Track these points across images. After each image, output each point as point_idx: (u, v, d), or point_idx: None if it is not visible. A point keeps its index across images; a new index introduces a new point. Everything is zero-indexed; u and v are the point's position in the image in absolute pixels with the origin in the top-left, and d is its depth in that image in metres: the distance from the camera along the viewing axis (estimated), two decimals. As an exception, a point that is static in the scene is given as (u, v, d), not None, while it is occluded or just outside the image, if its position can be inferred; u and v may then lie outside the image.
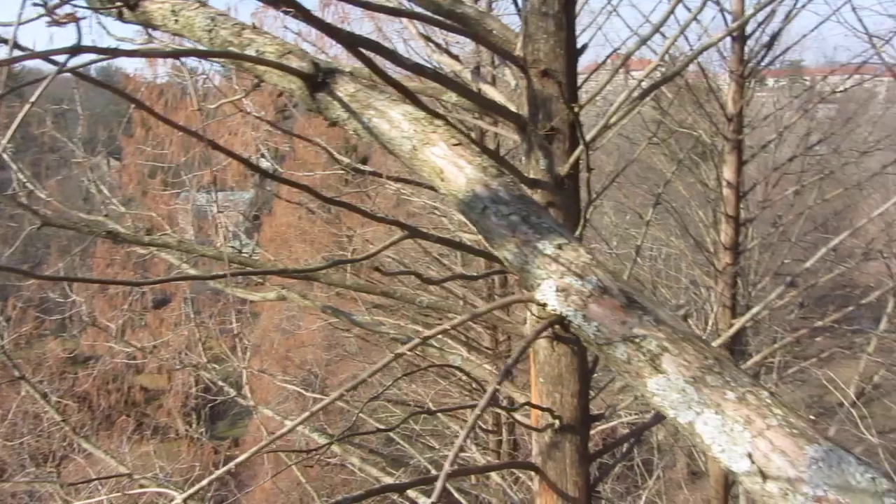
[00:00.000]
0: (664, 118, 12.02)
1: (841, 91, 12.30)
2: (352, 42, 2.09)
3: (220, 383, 9.52)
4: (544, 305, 1.40)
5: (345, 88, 1.81)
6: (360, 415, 9.03)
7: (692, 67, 12.51)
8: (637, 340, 1.28)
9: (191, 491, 1.82)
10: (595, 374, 5.22)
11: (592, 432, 6.50)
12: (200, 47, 2.08)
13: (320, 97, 1.84)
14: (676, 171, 13.45)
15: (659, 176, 14.65)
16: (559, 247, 1.42)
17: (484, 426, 12.88)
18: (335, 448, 7.86)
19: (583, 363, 4.39)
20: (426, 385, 12.60)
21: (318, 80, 1.83)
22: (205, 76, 8.28)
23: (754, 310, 5.96)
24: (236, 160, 3.72)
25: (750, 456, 1.13)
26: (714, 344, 6.10)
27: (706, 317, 12.06)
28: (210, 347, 10.06)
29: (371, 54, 2.25)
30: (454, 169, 1.59)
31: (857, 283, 15.38)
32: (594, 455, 5.55)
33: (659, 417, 5.99)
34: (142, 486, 6.83)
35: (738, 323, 4.95)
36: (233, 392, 9.33)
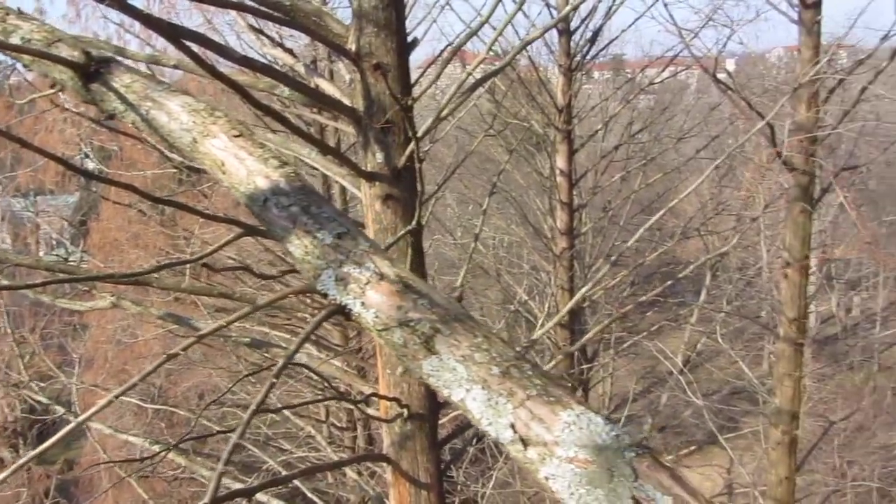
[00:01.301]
0: (499, 110, 12.42)
1: (658, 83, 13.26)
2: (174, 34, 1.98)
3: (47, 402, 8.82)
4: (325, 295, 1.40)
5: (120, 79, 1.72)
6: (208, 423, 8.68)
7: (524, 62, 13.06)
8: (412, 324, 1.32)
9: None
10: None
11: (442, 420, 6.63)
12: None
13: (95, 88, 1.73)
14: (513, 162, 13.97)
15: (497, 167, 15.12)
16: (339, 236, 1.42)
17: (338, 423, 12.78)
18: (180, 460, 7.52)
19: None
20: (277, 387, 12.32)
21: (91, 69, 1.72)
22: (13, 67, 7.61)
23: (583, 290, 6.30)
24: (53, 160, 3.43)
25: (513, 426, 1.21)
26: (549, 324, 6.39)
27: (547, 299, 12.60)
28: (32, 364, 9.31)
29: (197, 47, 2.15)
30: (235, 161, 1.55)
31: (680, 260, 16.68)
32: (444, 441, 5.67)
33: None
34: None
35: (569, 304, 5.22)
36: (62, 410, 8.68)
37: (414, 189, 4.79)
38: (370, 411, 6.61)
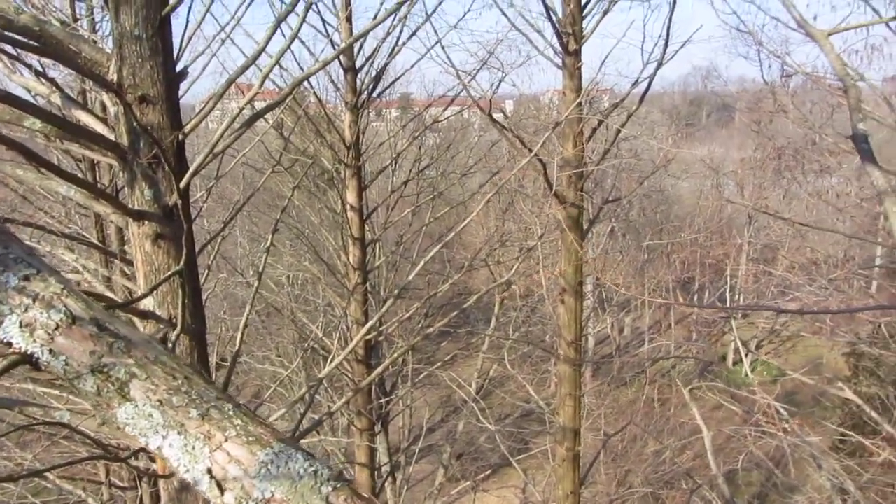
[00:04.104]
0: (287, 147, 12.25)
1: (441, 121, 13.80)
2: None
3: None
4: (9, 344, 1.23)
5: None
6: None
7: (313, 98, 13.01)
8: (106, 370, 1.21)
9: None
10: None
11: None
12: None
13: None
14: (305, 199, 13.82)
15: (289, 204, 14.90)
16: (26, 278, 1.26)
17: (120, 483, 11.73)
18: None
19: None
20: (44, 448, 11.07)
21: None
22: None
23: (368, 324, 6.29)
24: None
25: (209, 471, 1.15)
26: (337, 360, 6.28)
27: (343, 336, 12.50)
28: None
29: None
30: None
31: (472, 291, 17.37)
32: None
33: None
34: None
35: (356, 339, 5.17)
36: None
37: (189, 227, 4.54)
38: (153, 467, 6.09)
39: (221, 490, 1.12)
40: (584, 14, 9.59)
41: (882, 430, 9.53)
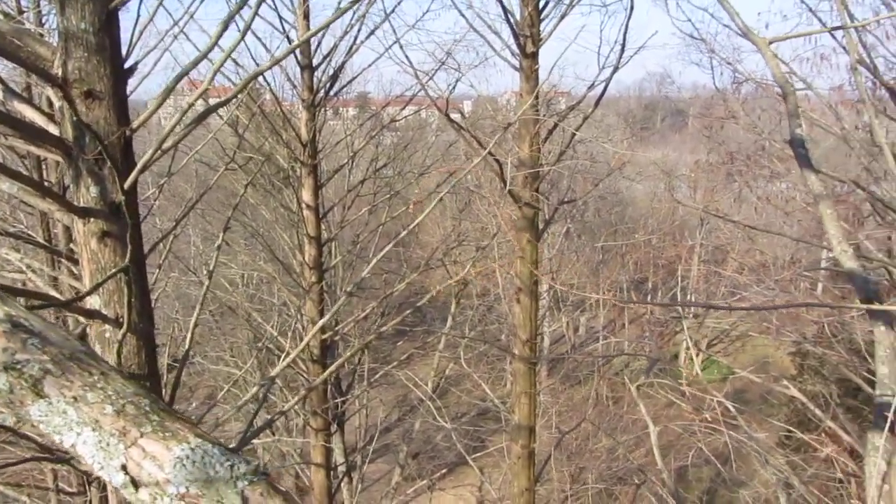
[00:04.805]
0: (241, 144, 12.11)
1: (399, 120, 13.80)
2: None
3: None
4: None
5: None
6: None
7: (269, 96, 12.90)
8: (19, 367, 1.21)
9: None
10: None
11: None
12: None
13: None
14: (260, 197, 13.67)
15: (244, 202, 14.74)
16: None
17: (69, 488, 11.46)
18: None
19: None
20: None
21: None
22: None
23: (319, 323, 6.27)
24: None
25: (124, 467, 1.15)
26: (287, 359, 6.24)
27: (298, 335, 12.40)
28: None
29: None
30: None
31: (428, 290, 17.37)
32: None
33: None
34: None
35: (306, 339, 5.15)
36: None
37: (137, 224, 4.48)
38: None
39: (136, 486, 1.12)
40: (541, 17, 9.69)
41: (825, 426, 9.83)
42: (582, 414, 14.49)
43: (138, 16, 4.81)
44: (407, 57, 10.31)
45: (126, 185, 4.09)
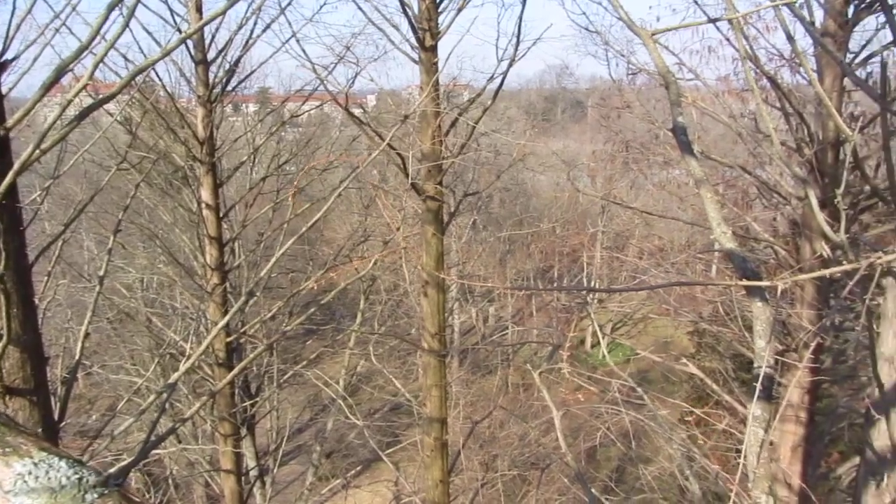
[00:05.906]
0: (134, 142, 11.60)
1: (300, 115, 13.56)
2: None
3: None
4: None
5: None
6: None
7: (163, 92, 12.38)
8: None
9: None
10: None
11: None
12: None
13: None
14: (157, 197, 13.16)
15: (141, 204, 14.16)
16: None
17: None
18: None
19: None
20: None
21: None
22: None
23: (221, 322, 6.09)
24: None
25: None
26: (186, 365, 6.02)
27: (202, 340, 12.02)
28: None
29: None
30: None
31: (336, 286, 17.20)
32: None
33: (144, 452, 5.66)
34: None
35: (205, 342, 4.97)
36: None
37: (15, 230, 4.24)
38: None
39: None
40: (439, 10, 9.72)
41: (722, 399, 10.35)
42: (493, 403, 14.72)
43: (14, 7, 4.54)
44: (304, 51, 10.13)
45: (2, 189, 3.86)
